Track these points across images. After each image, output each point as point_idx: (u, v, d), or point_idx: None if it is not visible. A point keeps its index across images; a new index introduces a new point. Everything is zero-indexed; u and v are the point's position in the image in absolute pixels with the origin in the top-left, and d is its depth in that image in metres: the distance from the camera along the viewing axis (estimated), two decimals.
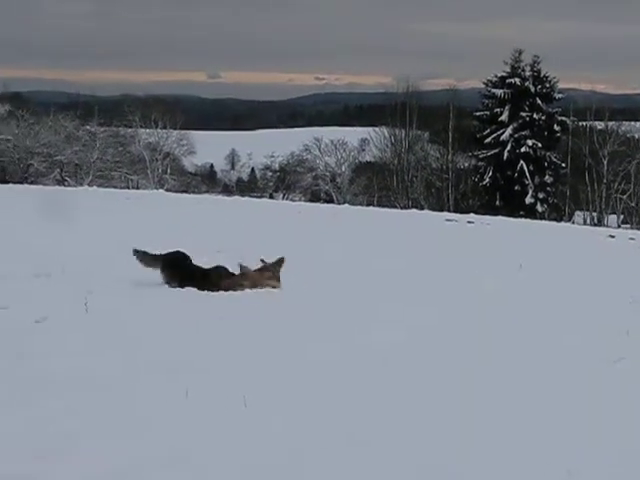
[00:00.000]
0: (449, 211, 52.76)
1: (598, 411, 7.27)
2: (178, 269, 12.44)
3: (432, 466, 5.91)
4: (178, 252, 12.57)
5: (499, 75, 65.15)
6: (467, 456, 6.11)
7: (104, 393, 7.13)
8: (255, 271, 12.65)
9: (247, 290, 12.23)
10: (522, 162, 61.74)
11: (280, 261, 12.72)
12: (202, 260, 12.69)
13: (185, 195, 40.45)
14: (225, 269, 12.57)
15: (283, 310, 10.98)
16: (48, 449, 5.97)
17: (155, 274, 12.44)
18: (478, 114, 66.47)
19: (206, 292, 11.94)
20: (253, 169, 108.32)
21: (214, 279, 12.34)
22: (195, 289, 12.10)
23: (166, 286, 12.17)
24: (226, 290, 12.14)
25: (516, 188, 61.82)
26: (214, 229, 18.72)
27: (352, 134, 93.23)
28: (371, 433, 6.46)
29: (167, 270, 12.41)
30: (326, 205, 44.33)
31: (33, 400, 6.91)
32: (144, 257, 12.47)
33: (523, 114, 62.75)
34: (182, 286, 12.22)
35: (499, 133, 62.91)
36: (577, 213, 67.62)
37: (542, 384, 8.01)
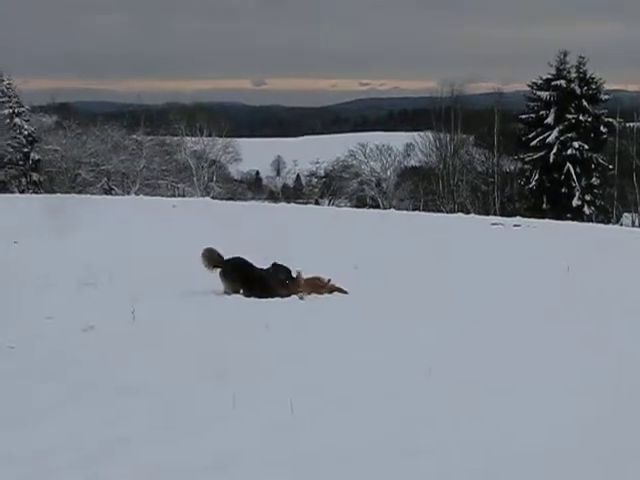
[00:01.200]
0: (495, 215, 52.47)
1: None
2: (240, 273, 12.49)
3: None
4: (239, 258, 12.61)
5: (544, 77, 64.50)
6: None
7: (152, 400, 7.19)
8: (307, 279, 12.66)
9: (294, 297, 12.26)
10: (568, 164, 61.14)
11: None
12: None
13: (231, 202, 40.59)
14: (286, 273, 12.58)
15: (328, 317, 10.98)
16: (99, 454, 6.04)
17: (204, 283, 12.52)
18: (523, 117, 65.85)
19: (253, 299, 11.98)
20: (298, 175, 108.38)
21: (272, 284, 12.41)
22: (247, 295, 12.16)
23: (211, 294, 12.17)
24: (284, 296, 12.20)
25: (563, 191, 61.20)
26: (260, 235, 18.73)
27: (397, 139, 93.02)
28: (419, 442, 6.45)
29: (229, 274, 12.45)
30: (372, 210, 44.25)
31: (82, 407, 6.99)
32: (211, 256, 12.51)
33: (569, 116, 62.14)
34: (244, 291, 12.31)
35: (545, 136, 62.33)
36: (625, 215, 66.77)
37: (590, 383, 7.95)
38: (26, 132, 65.39)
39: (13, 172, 64.49)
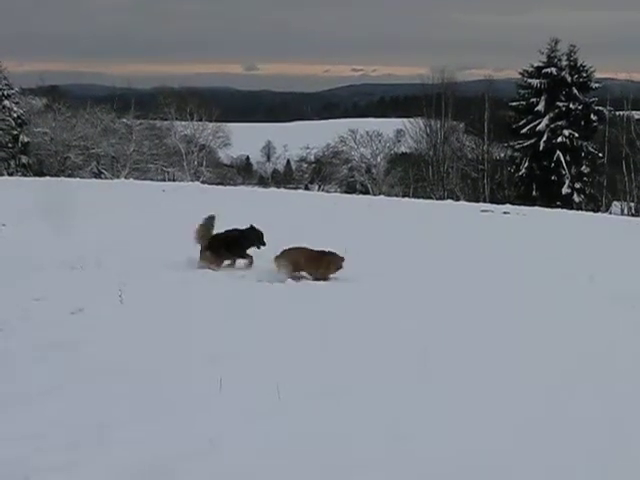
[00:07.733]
0: (485, 202, 52.48)
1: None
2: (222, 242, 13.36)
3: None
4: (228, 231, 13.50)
5: (535, 65, 64.51)
6: None
7: (137, 383, 7.17)
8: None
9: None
10: (558, 152, 61.11)
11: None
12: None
13: (221, 187, 40.47)
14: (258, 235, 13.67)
15: (319, 301, 10.99)
16: (81, 439, 6.01)
17: (193, 266, 12.64)
18: (514, 104, 65.80)
19: (246, 283, 12.07)
20: (289, 161, 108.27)
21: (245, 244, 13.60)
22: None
23: (201, 278, 12.16)
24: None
25: (552, 178, 61.17)
26: (250, 219, 18.67)
27: (387, 125, 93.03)
28: (409, 428, 6.46)
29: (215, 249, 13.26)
30: (362, 196, 44.19)
31: (67, 391, 6.96)
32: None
33: (559, 104, 62.09)
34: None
35: (535, 123, 62.27)
36: (614, 203, 66.78)
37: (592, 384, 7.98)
38: (15, 114, 65.17)
39: (2, 155, 64.32)
